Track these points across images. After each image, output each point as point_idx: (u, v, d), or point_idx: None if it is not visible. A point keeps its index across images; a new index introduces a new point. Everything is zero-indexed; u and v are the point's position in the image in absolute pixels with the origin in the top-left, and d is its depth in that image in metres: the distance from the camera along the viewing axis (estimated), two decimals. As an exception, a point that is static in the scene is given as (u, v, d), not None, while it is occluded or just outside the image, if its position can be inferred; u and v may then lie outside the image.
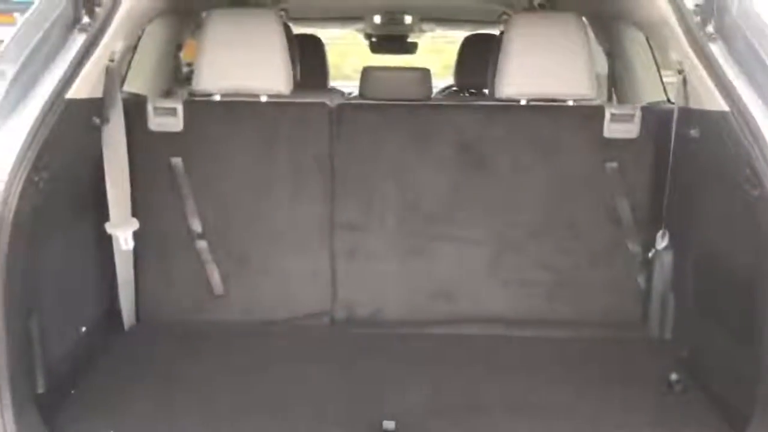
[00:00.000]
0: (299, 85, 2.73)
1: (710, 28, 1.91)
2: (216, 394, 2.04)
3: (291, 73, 2.52)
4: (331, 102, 2.65)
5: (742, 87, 1.81)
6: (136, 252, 2.44)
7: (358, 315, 2.55)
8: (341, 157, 2.54)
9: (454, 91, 4.63)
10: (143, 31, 2.79)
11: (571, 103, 2.53)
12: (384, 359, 2.27)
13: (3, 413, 1.61)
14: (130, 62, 2.99)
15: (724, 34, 1.91)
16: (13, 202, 1.66)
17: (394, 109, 2.61)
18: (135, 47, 2.93)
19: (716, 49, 1.90)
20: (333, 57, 5.14)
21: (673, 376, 2.10)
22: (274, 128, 2.53)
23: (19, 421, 1.64)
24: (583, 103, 2.54)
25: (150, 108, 2.47)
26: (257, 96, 2.50)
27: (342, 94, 4.13)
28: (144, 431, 1.88)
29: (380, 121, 2.58)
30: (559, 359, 2.29)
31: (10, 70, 1.82)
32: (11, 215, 1.65)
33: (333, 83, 4.92)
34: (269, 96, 2.50)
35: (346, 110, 2.60)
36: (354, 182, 2.55)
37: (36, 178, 1.73)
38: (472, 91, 4.42)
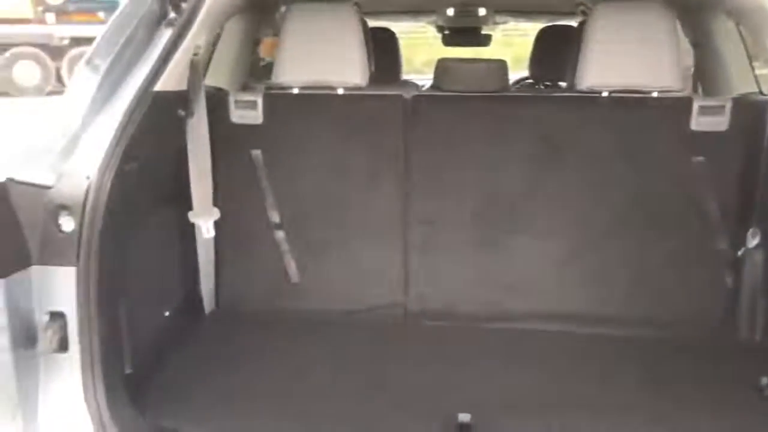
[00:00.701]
0: (374, 78, 2.74)
1: None
2: (292, 381, 2.07)
3: (367, 65, 2.53)
4: (407, 94, 2.64)
5: None
6: (217, 240, 2.51)
7: (432, 307, 2.55)
8: (417, 149, 2.53)
9: (529, 83, 4.55)
10: (223, 26, 2.86)
11: (655, 94, 2.44)
12: (457, 352, 2.26)
13: (96, 391, 1.70)
14: (210, 57, 3.07)
15: None
16: (105, 191, 1.73)
17: (471, 100, 2.58)
18: (215, 42, 3.01)
19: None
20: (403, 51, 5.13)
21: (764, 380, 2.00)
22: (350, 120, 2.55)
23: (110, 399, 1.72)
24: (669, 94, 2.45)
25: (231, 101, 2.54)
26: (334, 89, 2.53)
27: (416, 86, 4.12)
28: (223, 413, 1.93)
29: (456, 113, 2.56)
30: (638, 360, 2.22)
31: (103, 65, 1.91)
32: (104, 204, 1.72)
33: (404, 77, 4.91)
34: (346, 88, 2.52)
35: (422, 102, 2.59)
36: (429, 174, 2.54)
37: (126, 168, 1.81)
38: (547, 83, 4.34)
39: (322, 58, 2.47)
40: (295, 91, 2.55)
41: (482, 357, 2.23)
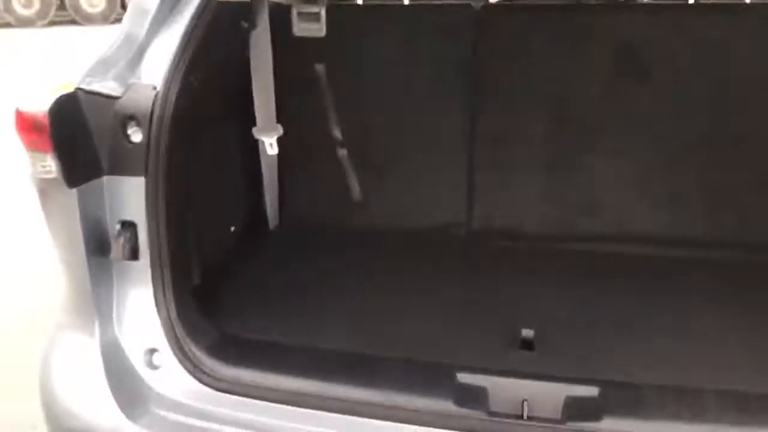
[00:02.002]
0: None
1: None
2: (356, 297, 2.09)
3: None
4: (476, 3, 2.52)
5: None
6: (280, 157, 2.50)
7: (497, 227, 2.49)
8: (486, 61, 2.42)
9: None
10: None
11: (749, 0, 2.24)
12: (522, 272, 2.22)
13: (166, 298, 1.74)
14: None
15: None
16: (172, 102, 1.72)
17: (544, 10, 2.44)
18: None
19: None
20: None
21: None
22: (416, 32, 2.45)
23: (179, 305, 1.76)
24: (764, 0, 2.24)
25: (294, 13, 2.47)
26: None
27: None
28: (284, 322, 1.97)
29: (529, 24, 2.42)
30: (714, 282, 2.13)
31: None
32: (170, 115, 1.72)
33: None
34: None
35: (493, 12, 2.46)
36: (498, 88, 2.43)
37: (191, 79, 1.79)
38: None
39: None
40: (360, 1, 2.46)
41: (548, 277, 2.18)
